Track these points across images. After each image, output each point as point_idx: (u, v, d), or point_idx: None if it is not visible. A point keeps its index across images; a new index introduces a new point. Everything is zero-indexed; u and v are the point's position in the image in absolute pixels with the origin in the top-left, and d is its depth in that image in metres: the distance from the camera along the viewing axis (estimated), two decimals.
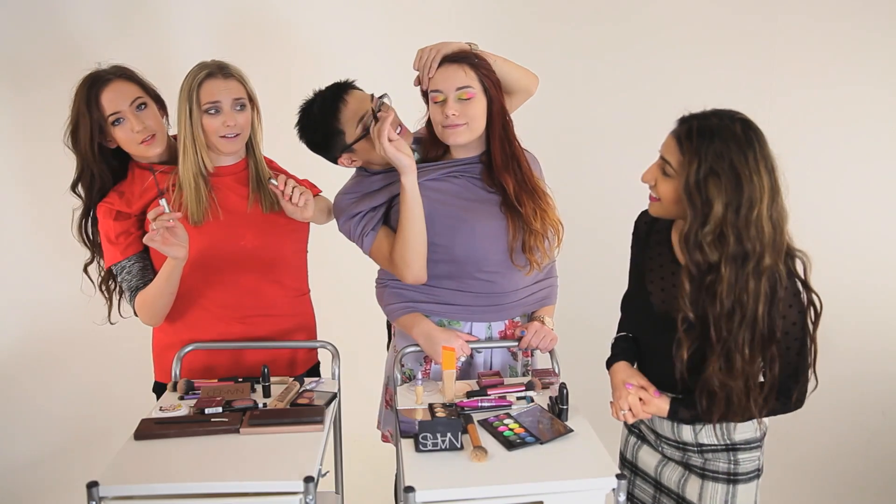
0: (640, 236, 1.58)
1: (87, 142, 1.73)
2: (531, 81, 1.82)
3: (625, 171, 2.98)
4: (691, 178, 1.29)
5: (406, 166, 1.59)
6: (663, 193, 1.39)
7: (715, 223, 1.28)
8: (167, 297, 1.73)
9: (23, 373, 2.76)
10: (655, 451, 1.59)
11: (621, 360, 1.54)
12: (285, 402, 1.60)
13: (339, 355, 1.80)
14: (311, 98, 1.76)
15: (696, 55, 2.92)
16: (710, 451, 1.49)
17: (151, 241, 1.58)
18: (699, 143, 1.29)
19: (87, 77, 1.75)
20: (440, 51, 1.66)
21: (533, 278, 1.78)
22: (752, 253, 1.28)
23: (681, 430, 1.49)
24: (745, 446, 1.48)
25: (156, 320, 1.79)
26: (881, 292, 2.95)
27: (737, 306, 1.30)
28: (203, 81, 1.70)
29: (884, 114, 2.88)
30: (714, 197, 1.27)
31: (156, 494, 1.30)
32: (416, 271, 1.67)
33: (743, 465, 1.48)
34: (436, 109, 1.66)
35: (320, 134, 1.74)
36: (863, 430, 2.89)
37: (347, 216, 1.75)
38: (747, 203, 1.27)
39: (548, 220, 1.71)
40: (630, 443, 1.66)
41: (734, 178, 1.27)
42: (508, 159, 1.71)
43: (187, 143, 1.72)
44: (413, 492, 1.24)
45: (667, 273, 1.48)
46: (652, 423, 1.56)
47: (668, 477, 1.56)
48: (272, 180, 1.72)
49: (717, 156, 1.27)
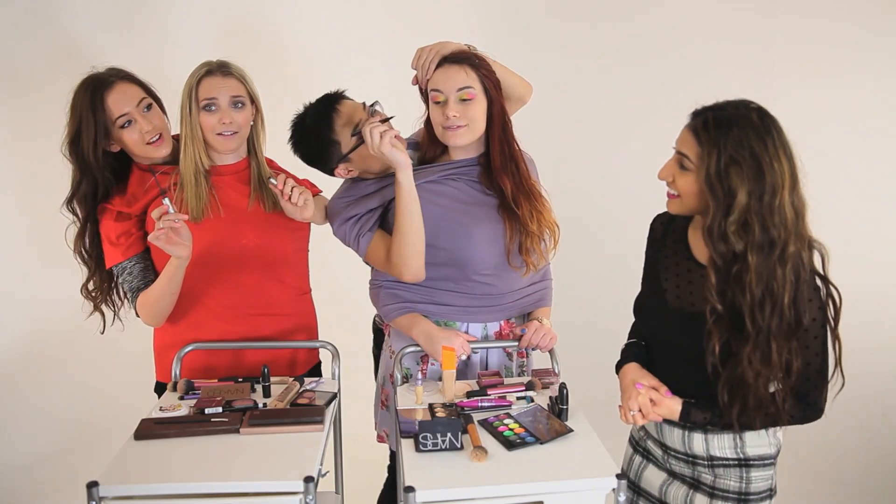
0: (656, 237, 1.56)
1: (91, 147, 1.71)
2: (525, 90, 1.83)
3: (624, 172, 3.01)
4: (712, 169, 1.27)
5: (401, 162, 1.58)
6: (682, 188, 1.36)
7: (739, 212, 1.25)
8: (170, 298, 1.73)
9: (23, 373, 2.76)
10: (661, 470, 1.53)
11: (632, 362, 1.51)
12: (285, 402, 1.60)
13: (340, 355, 1.80)
14: (303, 112, 1.76)
15: (695, 56, 2.93)
16: (721, 466, 1.43)
17: (156, 240, 1.58)
18: (717, 133, 1.27)
19: (87, 81, 1.73)
20: (439, 51, 1.65)
21: (529, 280, 1.78)
22: (778, 240, 1.26)
23: (692, 442, 1.44)
24: (759, 462, 1.42)
25: (157, 321, 1.79)
26: (881, 292, 2.95)
27: (767, 295, 1.27)
28: (202, 78, 1.72)
29: (884, 113, 2.88)
30: (737, 186, 1.25)
31: (156, 494, 1.30)
32: (414, 269, 1.66)
33: (755, 483, 1.42)
34: (436, 110, 1.66)
35: (315, 147, 1.73)
36: (863, 430, 2.88)
37: (342, 219, 1.75)
38: (770, 190, 1.25)
39: (544, 221, 1.71)
40: (635, 462, 1.59)
41: (755, 166, 1.25)
42: (507, 161, 1.70)
43: (187, 140, 1.73)
44: (413, 492, 1.24)
45: (682, 270, 1.46)
46: (661, 436, 1.50)
47: (673, 496, 1.49)
48: (271, 179, 1.72)
49: (736, 144, 1.25)
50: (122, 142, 1.76)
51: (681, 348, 1.42)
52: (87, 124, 1.71)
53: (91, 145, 1.71)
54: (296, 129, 1.77)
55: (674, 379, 1.44)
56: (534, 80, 1.86)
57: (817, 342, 1.33)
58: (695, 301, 1.41)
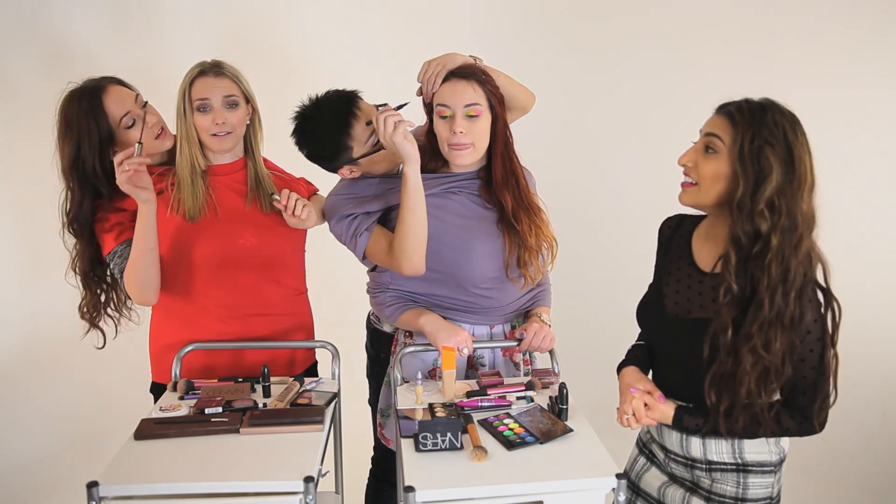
0: (664, 241, 1.56)
1: (95, 159, 1.70)
2: (528, 99, 1.84)
3: (627, 172, 3.01)
4: (746, 147, 1.27)
5: (411, 155, 1.57)
6: (705, 173, 1.33)
7: (771, 191, 1.26)
8: (150, 257, 1.68)
9: (23, 373, 2.77)
10: (662, 473, 1.53)
11: (632, 365, 1.51)
12: (285, 402, 1.60)
13: (339, 355, 1.80)
14: (315, 109, 1.69)
15: (695, 56, 2.93)
16: (719, 471, 1.42)
17: (123, 185, 1.58)
18: (752, 115, 1.28)
19: (75, 93, 1.71)
20: (446, 65, 1.65)
21: (525, 289, 1.79)
22: (798, 227, 1.27)
23: (689, 445, 1.44)
24: (758, 469, 1.41)
25: (145, 292, 1.72)
26: (881, 292, 2.95)
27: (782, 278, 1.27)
28: (195, 79, 1.72)
29: (884, 113, 2.88)
30: (771, 165, 1.26)
31: (156, 494, 1.30)
32: (416, 263, 1.66)
33: (753, 490, 1.41)
34: (442, 125, 1.66)
35: (328, 149, 1.70)
36: (863, 430, 2.88)
37: (340, 217, 1.74)
38: (797, 179, 1.27)
39: (542, 236, 1.73)
40: (639, 463, 1.59)
41: (788, 152, 1.26)
42: (508, 176, 1.72)
43: (183, 141, 1.74)
44: (413, 492, 1.24)
45: (683, 276, 1.45)
46: (661, 438, 1.50)
47: (671, 497, 1.50)
48: (275, 195, 1.74)
49: (773, 126, 1.27)
50: (126, 145, 1.73)
51: (677, 354, 1.42)
52: (88, 134, 1.69)
53: (95, 157, 1.70)
54: (305, 127, 1.71)
55: (671, 384, 1.44)
56: (534, 79, 1.86)
57: (813, 355, 1.31)
58: (692, 308, 1.41)
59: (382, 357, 1.88)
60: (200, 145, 1.75)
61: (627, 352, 1.58)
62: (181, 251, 1.75)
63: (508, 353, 1.84)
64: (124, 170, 1.56)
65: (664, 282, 1.48)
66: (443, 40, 1.69)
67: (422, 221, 1.63)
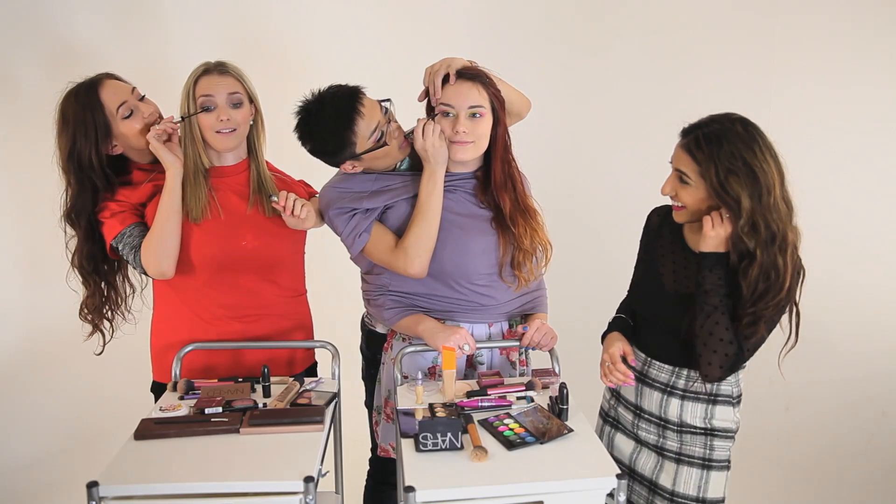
0: (653, 227, 1.71)
1: (91, 151, 1.70)
2: (524, 106, 1.86)
3: (625, 172, 3.01)
4: (714, 182, 1.42)
5: (444, 160, 1.66)
6: (686, 201, 1.52)
7: (747, 215, 1.41)
8: (173, 222, 1.69)
9: (23, 373, 2.76)
10: (629, 438, 1.69)
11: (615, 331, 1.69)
12: (285, 402, 1.60)
13: (339, 355, 1.80)
14: (319, 104, 1.68)
15: (695, 56, 2.92)
16: (689, 433, 1.60)
17: (155, 139, 1.68)
18: (709, 149, 1.43)
19: (72, 90, 1.73)
20: (451, 65, 1.67)
21: (521, 290, 1.80)
22: (778, 232, 1.42)
23: (668, 406, 1.60)
24: (723, 434, 1.60)
25: (163, 261, 1.70)
26: (881, 292, 2.95)
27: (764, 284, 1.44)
28: (199, 77, 1.73)
29: (884, 113, 2.88)
30: (739, 192, 1.40)
31: (156, 494, 1.30)
32: (424, 263, 1.68)
33: (717, 452, 1.60)
34: (445, 122, 1.68)
35: (332, 145, 1.69)
36: (863, 430, 2.89)
37: (339, 209, 1.73)
38: (766, 190, 1.40)
39: (537, 238, 1.76)
40: (605, 432, 1.75)
41: (750, 173, 1.40)
42: (506, 178, 1.75)
43: (186, 140, 1.74)
44: (413, 492, 1.24)
45: (678, 258, 1.62)
46: (640, 399, 1.65)
47: (642, 464, 1.66)
48: (273, 197, 1.74)
49: (730, 157, 1.41)
50: (124, 137, 1.75)
51: (670, 323, 1.58)
52: (84, 127, 1.70)
53: (91, 149, 1.71)
54: (309, 122, 1.69)
55: (657, 347, 1.63)
56: (532, 79, 1.87)
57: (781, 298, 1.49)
58: (689, 284, 1.58)
59: (378, 358, 1.88)
60: (205, 144, 1.75)
61: (609, 323, 1.75)
62: (183, 252, 1.74)
63: (506, 352, 1.84)
64: (158, 128, 1.64)
65: (661, 263, 1.64)
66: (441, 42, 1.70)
67: (436, 225, 1.68)
